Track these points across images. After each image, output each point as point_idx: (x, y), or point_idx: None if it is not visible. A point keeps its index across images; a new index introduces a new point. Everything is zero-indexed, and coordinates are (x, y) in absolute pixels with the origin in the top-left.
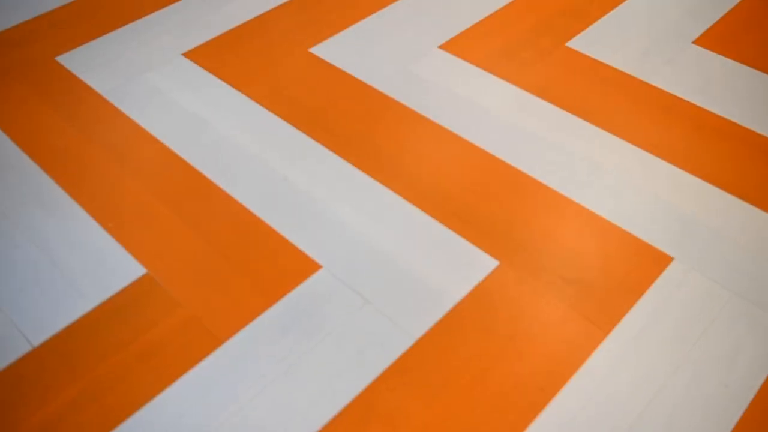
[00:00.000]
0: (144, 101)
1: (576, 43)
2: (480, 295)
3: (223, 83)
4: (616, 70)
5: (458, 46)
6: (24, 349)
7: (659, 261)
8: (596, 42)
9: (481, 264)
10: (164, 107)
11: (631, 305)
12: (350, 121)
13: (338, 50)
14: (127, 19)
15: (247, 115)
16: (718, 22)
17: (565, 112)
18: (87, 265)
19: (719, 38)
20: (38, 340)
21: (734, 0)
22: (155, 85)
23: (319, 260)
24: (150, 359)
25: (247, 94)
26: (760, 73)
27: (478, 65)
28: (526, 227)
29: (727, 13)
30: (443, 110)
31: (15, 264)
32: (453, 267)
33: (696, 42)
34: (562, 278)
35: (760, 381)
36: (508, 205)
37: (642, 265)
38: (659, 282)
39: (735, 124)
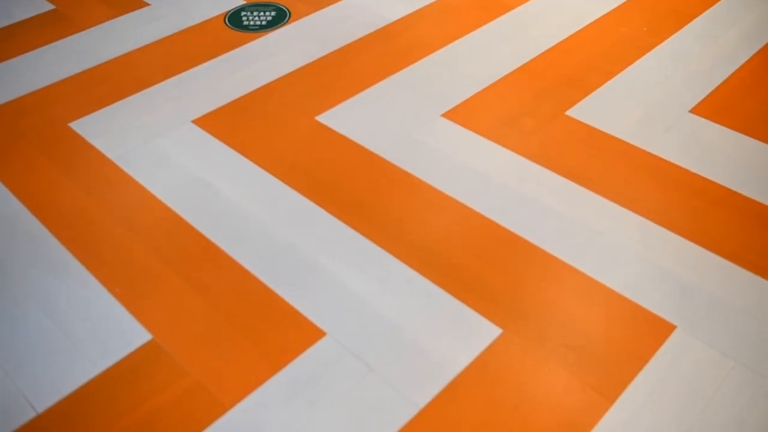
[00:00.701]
0: (153, 166)
1: (575, 112)
2: (484, 364)
3: (231, 150)
4: (615, 138)
5: (460, 114)
6: (28, 415)
7: (662, 329)
8: (595, 110)
9: (485, 332)
10: (173, 172)
11: (634, 374)
12: (355, 188)
13: (344, 118)
14: (139, 86)
15: (253, 181)
16: (714, 91)
17: (565, 180)
18: (93, 330)
19: (715, 107)
20: (43, 406)
21: (730, 69)
22: (164, 151)
23: (323, 327)
24: (155, 425)
25: (254, 161)
26: (756, 141)
27: (479, 133)
28: (529, 294)
29: (723, 83)
30: (446, 177)
31: (21, 328)
32: (457, 335)
33: (693, 111)
34: (566, 346)
35: None
36: (510, 272)
37: (645, 333)
38: (662, 350)
39: (732, 191)
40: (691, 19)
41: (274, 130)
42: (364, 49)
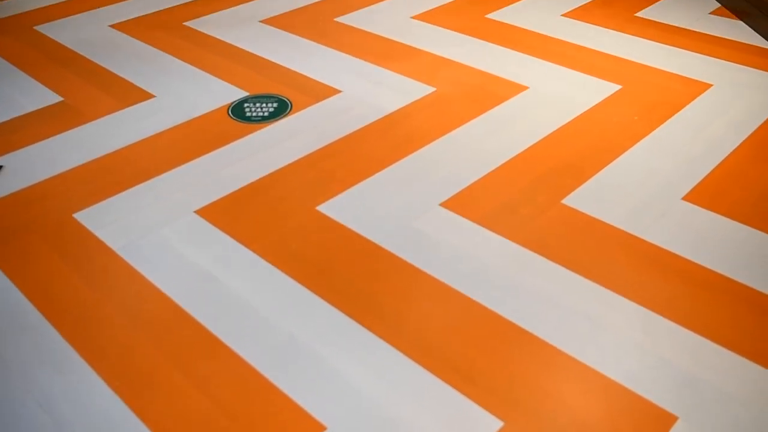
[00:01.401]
0: (156, 258)
1: (571, 200)
2: None
3: (232, 240)
4: (610, 226)
5: (458, 203)
6: None
7: (664, 420)
8: (590, 199)
9: (486, 424)
10: (175, 264)
11: None
12: (355, 278)
13: (344, 208)
14: (143, 177)
15: (255, 271)
16: (705, 179)
17: (563, 269)
18: (92, 426)
19: (707, 194)
20: None
21: (719, 157)
22: (167, 242)
23: (323, 421)
24: None
25: (255, 251)
26: (748, 228)
27: (477, 222)
28: (530, 385)
29: (713, 170)
30: (445, 267)
31: (18, 422)
32: (458, 427)
33: (685, 198)
34: None
35: None
36: (510, 363)
37: (647, 424)
38: None
39: (728, 278)
40: (680, 109)
41: (275, 220)
42: (363, 139)
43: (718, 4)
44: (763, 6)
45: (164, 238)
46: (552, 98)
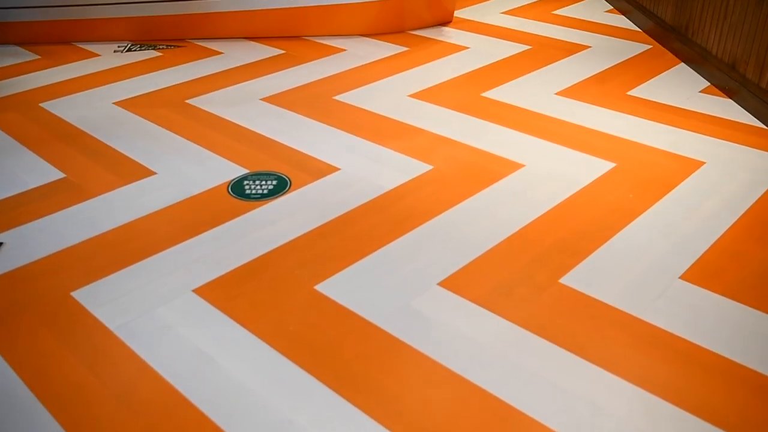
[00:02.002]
0: (153, 338)
1: (569, 279)
2: None
3: (230, 320)
4: (609, 306)
5: (456, 283)
6: None
7: None
8: (588, 278)
9: None
10: (172, 345)
11: None
12: (353, 359)
13: (342, 288)
14: (142, 255)
15: (252, 353)
16: (701, 258)
17: (562, 350)
18: None
19: (704, 274)
20: None
21: (714, 236)
22: (164, 322)
23: None
24: None
25: (253, 332)
26: (746, 308)
27: (475, 302)
28: None
29: (711, 247)
30: (443, 348)
31: None
32: None
33: (683, 277)
34: None
35: None
36: None
37: None
38: None
39: (728, 360)
40: (674, 187)
41: (273, 300)
42: (361, 217)
43: (708, 83)
44: (752, 85)
45: (162, 318)
46: (548, 176)
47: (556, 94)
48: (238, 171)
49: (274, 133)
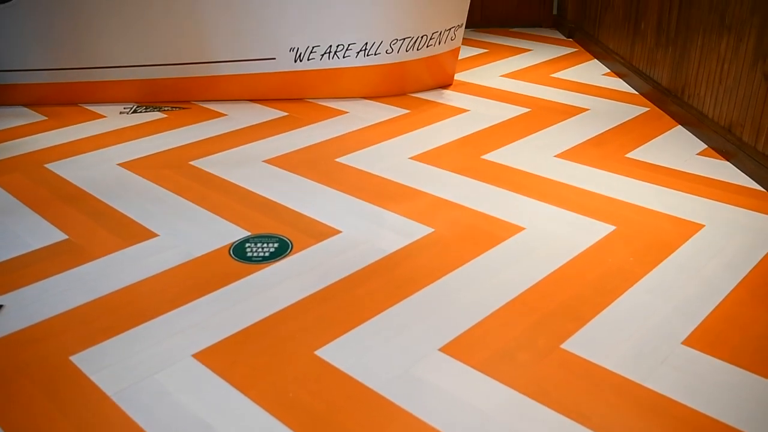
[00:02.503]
0: (151, 405)
1: (571, 345)
2: None
3: (229, 386)
4: (611, 372)
5: (457, 348)
6: None
7: None
8: (590, 344)
9: None
10: (171, 412)
11: None
12: (354, 427)
13: (342, 352)
14: (142, 318)
15: (252, 421)
16: (703, 322)
17: (564, 417)
18: None
19: (707, 339)
20: None
21: (716, 299)
22: (163, 388)
23: None
24: None
25: (253, 398)
26: (750, 374)
27: (477, 368)
28: None
29: (713, 311)
30: (445, 416)
31: None
32: None
33: (685, 342)
34: None
35: None
36: None
37: None
38: None
39: (730, 427)
40: (674, 250)
41: (273, 366)
42: (362, 281)
43: (705, 146)
44: (748, 148)
45: (160, 384)
46: (548, 239)
47: (555, 156)
48: (239, 233)
49: (276, 195)
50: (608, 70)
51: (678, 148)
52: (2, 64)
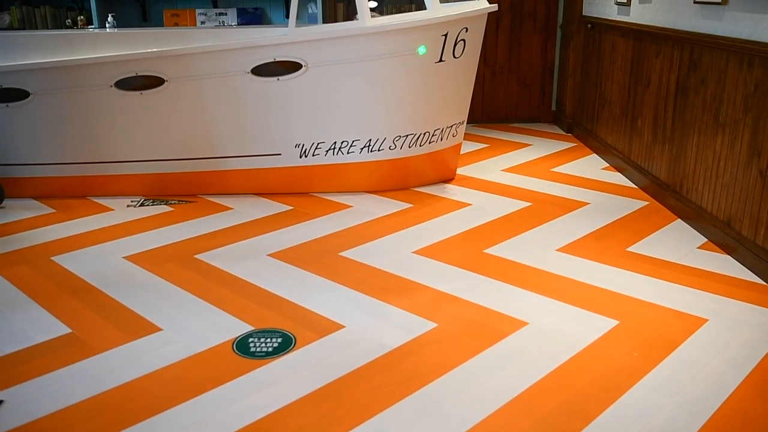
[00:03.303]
0: None
1: None
2: None
3: None
4: None
5: None
6: None
7: None
8: None
9: None
10: None
11: None
12: None
13: None
14: (143, 415)
15: None
16: (711, 418)
17: None
18: None
19: None
20: None
21: (723, 395)
22: None
23: None
24: None
25: None
26: None
27: None
28: None
29: (719, 408)
30: None
31: None
32: None
33: None
34: None
35: None
36: None
37: None
38: None
39: None
40: (679, 345)
41: None
42: (365, 377)
43: (705, 239)
44: (748, 242)
45: None
46: (551, 334)
47: (557, 250)
48: (243, 327)
49: (280, 289)
50: (607, 164)
51: (678, 241)
52: (14, 158)
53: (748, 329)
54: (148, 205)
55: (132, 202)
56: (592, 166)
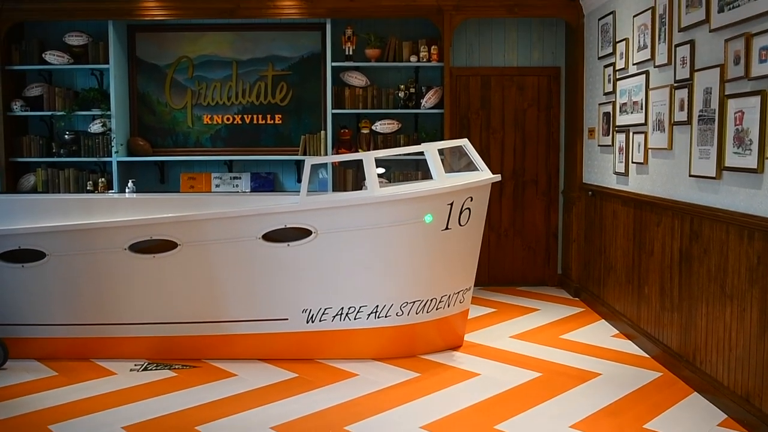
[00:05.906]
0: None
1: None
2: None
3: None
4: None
5: None
6: None
7: None
8: None
9: None
10: None
11: None
12: None
13: None
14: None
15: None
16: None
17: None
18: None
19: None
20: None
21: None
22: None
23: None
24: None
25: None
26: None
27: None
28: None
29: None
30: None
31: None
32: None
33: None
34: None
35: None
36: None
37: None
38: None
39: None
40: None
41: None
42: None
43: (725, 415)
44: None
45: None
46: None
47: (570, 426)
48: None
49: None
50: (617, 332)
51: (697, 418)
52: (21, 318)
53: None
54: (151, 369)
55: (135, 365)
56: (601, 333)
